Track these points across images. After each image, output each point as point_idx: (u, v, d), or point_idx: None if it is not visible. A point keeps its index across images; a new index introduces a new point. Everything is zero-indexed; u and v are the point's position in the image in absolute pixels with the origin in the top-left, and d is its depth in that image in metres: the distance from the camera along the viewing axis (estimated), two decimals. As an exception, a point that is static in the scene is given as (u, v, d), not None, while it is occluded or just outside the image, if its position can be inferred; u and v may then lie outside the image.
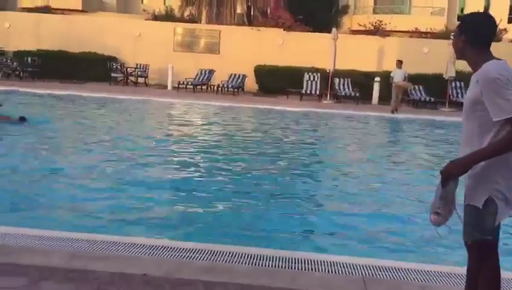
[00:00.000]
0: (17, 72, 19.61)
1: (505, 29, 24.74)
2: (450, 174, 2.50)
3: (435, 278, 3.56)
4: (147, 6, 31.47)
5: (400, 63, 16.60)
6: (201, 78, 19.93)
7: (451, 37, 2.50)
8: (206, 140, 10.15)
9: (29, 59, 20.09)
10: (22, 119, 10.13)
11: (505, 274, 3.70)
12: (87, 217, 5.10)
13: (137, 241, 3.99)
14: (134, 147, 8.79)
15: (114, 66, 20.61)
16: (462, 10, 34.21)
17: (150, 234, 4.57)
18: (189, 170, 7.40)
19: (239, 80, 19.76)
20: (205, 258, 3.71)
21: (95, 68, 20.14)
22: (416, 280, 3.51)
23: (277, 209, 5.78)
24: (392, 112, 15.90)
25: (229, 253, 3.82)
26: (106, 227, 4.71)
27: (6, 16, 22.45)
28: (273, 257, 3.76)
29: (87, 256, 3.63)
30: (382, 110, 16.32)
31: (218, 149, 9.21)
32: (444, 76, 17.91)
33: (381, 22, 23.22)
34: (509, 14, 34.12)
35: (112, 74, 20.25)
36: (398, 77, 16.25)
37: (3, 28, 21.60)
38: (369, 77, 18.71)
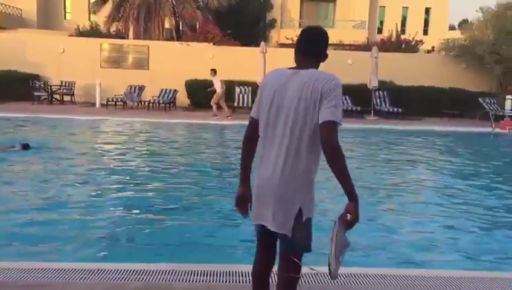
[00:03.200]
0: None
1: (421, 41, 26.46)
2: None
3: None
4: (70, 22, 30.52)
5: (214, 72, 16.98)
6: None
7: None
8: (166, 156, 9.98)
9: None
10: (25, 146, 9.47)
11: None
12: (10, 245, 4.82)
13: (69, 266, 3.83)
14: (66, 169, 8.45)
15: (37, 85, 19.69)
16: (381, 23, 36.14)
17: (83, 258, 4.40)
18: (124, 187, 7.22)
19: (170, 95, 19.57)
20: (141, 279, 3.63)
21: (15, 87, 19.12)
22: None
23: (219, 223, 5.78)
24: (228, 117, 16.48)
25: (166, 271, 3.76)
26: (34, 254, 4.48)
27: None
28: (212, 272, 3.75)
29: (16, 285, 3.43)
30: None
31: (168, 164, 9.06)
32: (368, 86, 18.76)
33: (307, 35, 23.93)
34: (425, 27, 36.53)
35: (35, 93, 19.34)
36: (219, 87, 16.73)
37: None
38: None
